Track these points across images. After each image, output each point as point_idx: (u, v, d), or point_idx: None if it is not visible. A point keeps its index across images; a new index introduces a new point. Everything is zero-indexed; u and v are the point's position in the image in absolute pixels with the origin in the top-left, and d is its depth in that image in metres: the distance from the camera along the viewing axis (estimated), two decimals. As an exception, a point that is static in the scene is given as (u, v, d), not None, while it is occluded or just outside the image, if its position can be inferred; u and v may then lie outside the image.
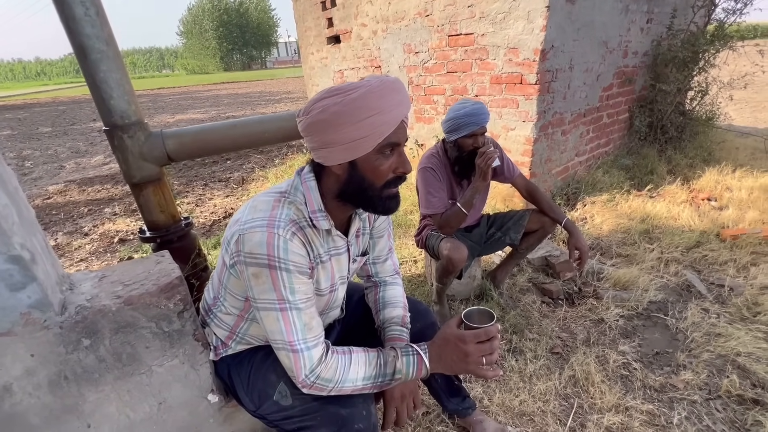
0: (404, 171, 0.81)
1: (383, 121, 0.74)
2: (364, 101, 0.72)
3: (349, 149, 0.76)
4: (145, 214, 1.38)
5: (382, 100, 0.73)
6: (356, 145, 0.75)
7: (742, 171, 3.38)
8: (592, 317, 1.94)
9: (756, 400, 1.43)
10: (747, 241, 2.43)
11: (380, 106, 0.73)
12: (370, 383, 0.86)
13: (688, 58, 3.43)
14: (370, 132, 0.74)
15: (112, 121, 1.24)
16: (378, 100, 0.73)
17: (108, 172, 5.99)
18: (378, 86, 0.74)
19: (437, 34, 3.02)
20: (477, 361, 0.83)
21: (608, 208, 2.96)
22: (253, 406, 0.95)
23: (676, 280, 2.19)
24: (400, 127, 0.78)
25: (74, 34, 1.13)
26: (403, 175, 0.82)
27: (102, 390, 0.85)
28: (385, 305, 1.09)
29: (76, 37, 1.13)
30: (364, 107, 0.72)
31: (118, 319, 0.84)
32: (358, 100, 0.72)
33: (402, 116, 0.77)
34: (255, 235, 0.77)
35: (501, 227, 1.95)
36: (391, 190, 0.83)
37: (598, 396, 1.47)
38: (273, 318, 0.80)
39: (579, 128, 3.16)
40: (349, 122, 0.73)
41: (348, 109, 0.72)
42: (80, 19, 1.11)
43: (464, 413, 1.32)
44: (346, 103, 0.72)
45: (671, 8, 3.53)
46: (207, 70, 55.44)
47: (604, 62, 3.08)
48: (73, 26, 1.12)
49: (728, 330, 1.76)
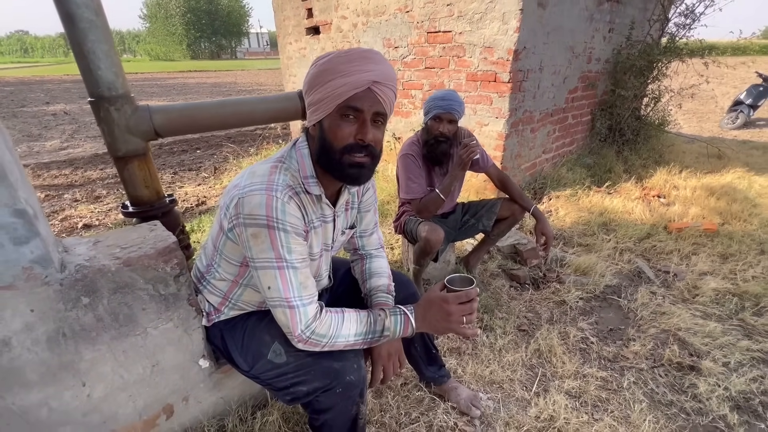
0: (362, 138, 0.82)
1: (344, 82, 0.78)
2: (330, 65, 0.80)
3: (318, 109, 0.83)
4: (129, 188, 1.37)
5: (348, 64, 0.79)
6: (322, 105, 0.82)
7: (688, 172, 3.73)
8: (555, 299, 2.11)
9: (692, 367, 1.63)
10: (689, 234, 2.70)
11: (344, 70, 0.79)
12: (361, 339, 0.92)
13: (644, 67, 3.73)
14: (329, 93, 0.80)
15: (99, 93, 1.23)
16: (342, 64, 0.79)
17: (66, 157, 5.67)
18: (347, 52, 0.80)
19: (417, 30, 3.11)
20: (458, 320, 0.92)
21: (571, 202, 3.18)
22: (247, 367, 0.99)
23: (628, 267, 2.41)
24: (365, 94, 0.80)
25: (62, 2, 1.12)
26: (362, 142, 0.83)
27: (98, 349, 0.87)
28: (371, 275, 1.16)
29: (64, 5, 1.12)
30: (328, 70, 0.79)
31: (117, 280, 0.86)
32: (325, 64, 0.80)
33: (366, 82, 0.79)
34: (254, 197, 0.81)
35: (475, 214, 2.07)
36: (352, 158, 0.84)
37: (560, 365, 1.62)
38: (271, 276, 0.84)
39: (546, 127, 3.36)
40: (318, 83, 0.81)
41: (317, 71, 0.81)
42: (70, -13, 1.10)
43: (440, 381, 1.42)
44: (317, 66, 0.82)
45: (630, 20, 3.82)
46: (172, 57, 52.87)
47: (570, 66, 3.30)
48: (62, -8, 1.10)
49: (671, 309, 1.98)
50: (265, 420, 1.21)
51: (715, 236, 2.68)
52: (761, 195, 3.39)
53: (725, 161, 4.31)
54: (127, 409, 0.97)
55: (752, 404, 1.47)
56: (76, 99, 11.86)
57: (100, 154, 5.80)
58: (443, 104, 1.74)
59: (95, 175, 4.81)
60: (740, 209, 3.02)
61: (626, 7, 3.69)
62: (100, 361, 0.88)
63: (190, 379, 1.06)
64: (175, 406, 1.06)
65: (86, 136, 6.97)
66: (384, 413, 1.37)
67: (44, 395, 0.83)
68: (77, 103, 11.04)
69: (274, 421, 1.21)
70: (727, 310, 1.99)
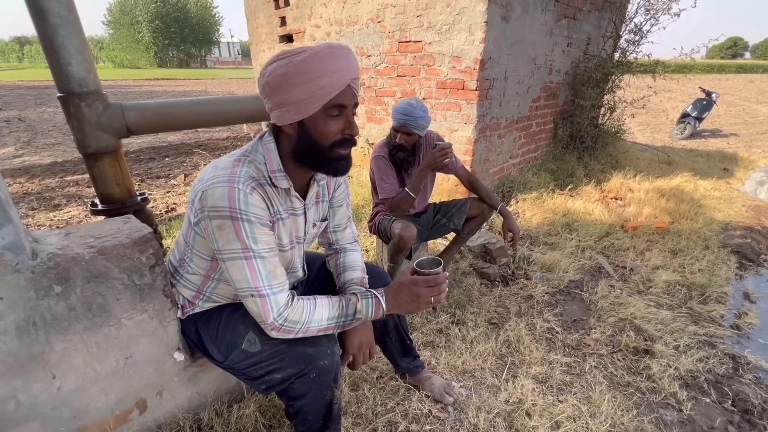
0: (351, 133, 0.85)
1: (328, 82, 0.78)
2: (311, 63, 0.77)
3: (297, 110, 0.81)
4: (100, 186, 1.35)
5: (326, 64, 0.78)
6: (303, 106, 0.80)
7: (641, 176, 4.01)
8: (523, 294, 2.21)
9: (646, 350, 1.75)
10: (644, 232, 2.91)
11: (324, 69, 0.77)
12: (334, 323, 0.95)
13: (600, 79, 4.02)
14: (315, 93, 0.78)
15: (69, 88, 1.22)
16: (322, 63, 0.77)
17: (21, 165, 5.38)
18: (324, 50, 0.78)
19: (389, 39, 3.22)
20: (426, 302, 0.97)
21: (537, 204, 3.34)
22: (222, 357, 1.00)
23: (590, 263, 2.56)
24: (347, 90, 0.82)
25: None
26: (351, 137, 0.86)
27: (70, 340, 0.86)
28: (345, 269, 1.19)
29: (34, 0, 1.12)
30: (311, 69, 0.77)
31: (90, 268, 0.86)
32: (303, 63, 0.77)
33: (348, 80, 0.81)
34: (216, 190, 0.82)
35: (446, 214, 2.15)
36: (340, 151, 0.86)
37: (527, 354, 1.70)
38: (239, 267, 0.85)
39: (513, 133, 3.54)
40: (297, 83, 0.78)
41: (294, 70, 0.77)
42: (40, -18, 1.10)
43: (415, 371, 1.46)
44: (293, 64, 0.77)
45: (586, 36, 4.11)
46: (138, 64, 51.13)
47: (533, 76, 3.50)
48: (33, -12, 1.10)
49: (628, 300, 2.12)
50: (242, 413, 1.21)
51: (666, 234, 2.90)
52: (705, 197, 3.70)
53: (674, 167, 4.67)
54: (98, 403, 0.95)
55: (699, 381, 1.60)
56: (31, 105, 11.26)
57: (60, 161, 5.54)
58: (400, 118, 1.82)
59: (54, 183, 4.58)
60: (687, 209, 3.28)
61: (582, 24, 3.97)
62: (72, 352, 0.87)
63: (165, 373, 1.06)
64: (148, 401, 1.05)
65: (44, 143, 6.63)
66: (360, 405, 1.39)
67: (11, 388, 0.81)
68: (33, 109, 10.48)
69: (250, 414, 1.21)
70: (677, 300, 2.16)
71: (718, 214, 3.32)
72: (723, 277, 2.38)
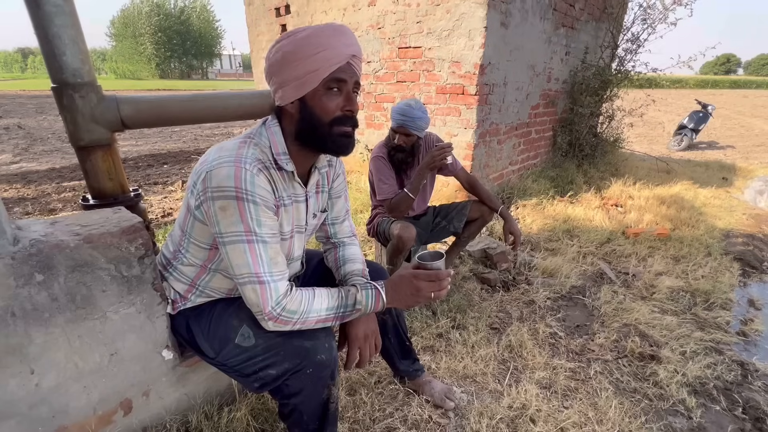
0: (351, 109, 0.85)
1: (328, 56, 0.80)
2: (311, 39, 0.79)
3: (298, 86, 0.81)
4: (91, 180, 1.31)
5: (327, 39, 0.80)
6: (305, 81, 0.81)
7: (641, 183, 4.00)
8: (524, 299, 2.16)
9: (652, 356, 1.70)
10: (645, 238, 2.88)
11: (325, 44, 0.79)
12: (333, 314, 0.91)
13: (598, 86, 4.04)
14: (316, 66, 0.79)
15: (62, 79, 1.19)
16: (323, 38, 0.80)
17: (17, 171, 5.35)
18: (324, 28, 0.81)
19: (388, 45, 3.24)
20: (426, 296, 0.93)
21: (537, 210, 3.32)
22: (213, 353, 0.95)
23: (592, 269, 2.52)
24: (347, 67, 0.83)
25: (28, -15, 1.10)
26: (351, 114, 0.86)
27: (51, 332, 0.81)
28: (345, 262, 1.15)
29: (30, -11, 1.10)
30: (311, 44, 0.79)
31: (75, 257, 0.82)
32: (305, 39, 0.79)
33: (348, 56, 0.82)
34: (222, 170, 0.80)
35: (446, 216, 2.12)
36: (342, 128, 0.86)
37: (530, 358, 1.65)
38: (240, 250, 0.82)
39: (512, 140, 3.53)
40: (299, 59, 0.79)
41: (296, 47, 0.80)
42: (37, -29, 1.09)
43: (414, 375, 1.41)
44: (295, 42, 0.80)
45: (584, 45, 4.15)
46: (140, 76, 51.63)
47: (532, 83, 3.51)
48: (29, -24, 1.08)
49: (632, 305, 2.07)
50: (233, 416, 1.15)
51: (668, 240, 2.87)
52: (705, 205, 3.68)
53: (673, 176, 4.67)
54: (80, 402, 0.89)
55: (707, 388, 1.55)
56: (32, 114, 11.30)
57: (57, 167, 5.52)
58: (399, 119, 1.81)
59: (50, 189, 4.55)
60: (688, 216, 3.26)
61: (580, 33, 4.02)
62: (53, 346, 0.82)
63: (152, 372, 1.00)
64: (134, 401, 0.99)
65: (42, 150, 6.62)
66: (357, 410, 1.34)
67: (-14, 383, 0.76)
68: (33, 117, 10.51)
69: (242, 417, 1.15)
70: (681, 306, 2.11)
71: (718, 221, 3.30)
72: (727, 283, 2.34)
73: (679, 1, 3.66)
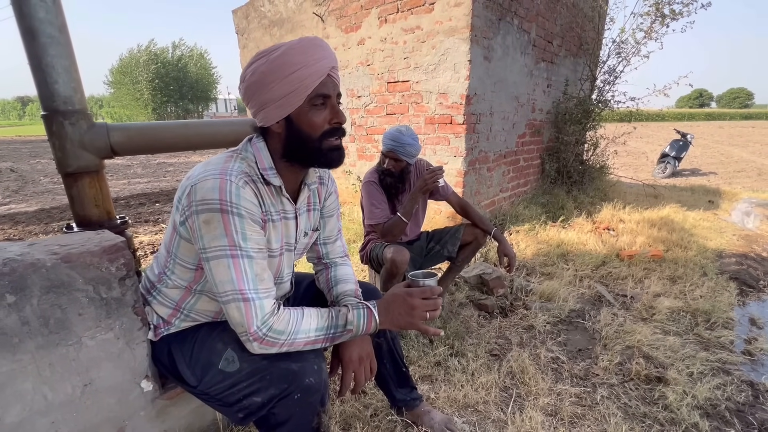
0: (338, 121, 0.84)
1: (307, 74, 0.78)
2: (287, 58, 0.77)
3: (281, 105, 0.80)
4: (77, 207, 1.29)
5: (303, 56, 0.78)
6: (287, 101, 0.80)
7: (630, 207, 4.05)
8: (523, 324, 2.10)
9: (659, 378, 1.64)
10: (640, 260, 2.87)
11: (302, 61, 0.78)
12: (323, 335, 0.86)
13: (581, 115, 4.19)
14: (297, 86, 0.78)
15: (53, 106, 1.20)
16: (299, 55, 0.78)
17: (6, 212, 5.28)
18: (298, 43, 0.79)
19: (378, 80, 3.36)
20: (421, 315, 0.89)
21: (530, 236, 3.31)
22: (195, 381, 0.89)
23: (589, 292, 2.49)
24: (327, 80, 0.82)
25: (25, 17, 1.13)
26: (339, 125, 0.85)
27: (19, 360, 0.76)
28: (337, 282, 1.12)
29: (26, 20, 1.13)
30: (288, 63, 0.77)
31: (51, 277, 0.77)
32: (280, 58, 0.78)
33: (327, 69, 0.81)
34: (207, 182, 0.78)
35: (439, 241, 2.10)
36: (331, 142, 0.85)
37: (533, 384, 1.57)
38: (224, 266, 0.78)
39: (501, 167, 3.60)
40: (276, 79, 0.78)
41: (273, 67, 0.78)
42: (34, 4, 1.12)
43: (412, 404, 1.33)
44: (270, 62, 0.78)
45: (564, 78, 4.36)
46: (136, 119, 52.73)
47: (517, 113, 3.64)
48: (26, 9, 1.12)
49: (633, 327, 2.02)
50: (216, 455, 1.06)
51: (662, 261, 2.86)
52: (695, 226, 3.72)
53: (661, 200, 4.75)
54: (46, 441, 0.82)
55: (719, 410, 1.48)
56: (25, 157, 11.36)
57: (47, 208, 5.47)
58: (389, 144, 1.85)
59: (38, 229, 4.47)
60: (679, 238, 3.28)
61: (560, 67, 4.23)
62: (20, 374, 0.76)
63: (129, 405, 0.93)
64: (107, 439, 0.91)
65: (33, 191, 6.59)
66: (352, 445, 1.24)
67: (-58, 417, 0.69)
68: (27, 161, 10.56)
69: (226, 456, 1.06)
70: (683, 326, 2.07)
71: (710, 242, 3.32)
72: (726, 302, 2.31)
73: (649, 36, 3.90)
